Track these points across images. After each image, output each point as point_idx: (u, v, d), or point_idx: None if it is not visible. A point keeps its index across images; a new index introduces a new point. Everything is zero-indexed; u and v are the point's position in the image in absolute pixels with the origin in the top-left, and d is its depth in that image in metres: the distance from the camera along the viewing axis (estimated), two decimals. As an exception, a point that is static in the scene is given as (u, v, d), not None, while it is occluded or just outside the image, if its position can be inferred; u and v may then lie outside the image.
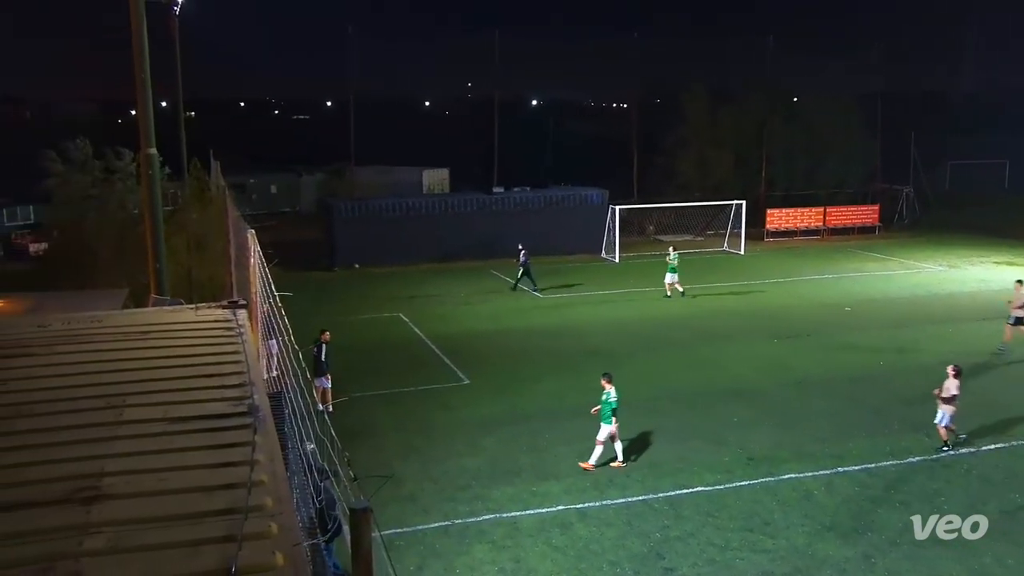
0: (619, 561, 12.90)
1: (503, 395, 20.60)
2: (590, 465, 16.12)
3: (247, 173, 53.95)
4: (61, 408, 4.74)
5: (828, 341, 25.33)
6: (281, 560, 3.17)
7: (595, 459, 16.17)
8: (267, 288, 8.75)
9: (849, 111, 52.05)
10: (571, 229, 40.52)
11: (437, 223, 39.16)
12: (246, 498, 3.55)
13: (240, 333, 6.30)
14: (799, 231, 45.67)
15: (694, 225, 45.53)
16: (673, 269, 31.26)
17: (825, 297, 31.59)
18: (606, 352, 24.21)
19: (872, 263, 38.61)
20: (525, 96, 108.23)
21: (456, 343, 25.18)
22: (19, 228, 43.02)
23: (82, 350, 5.90)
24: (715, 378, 21.74)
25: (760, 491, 15.25)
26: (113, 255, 24.11)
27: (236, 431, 4.37)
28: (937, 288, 32.96)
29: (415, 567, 12.71)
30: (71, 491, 3.69)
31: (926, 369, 22.25)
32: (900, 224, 49.03)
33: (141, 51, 12.71)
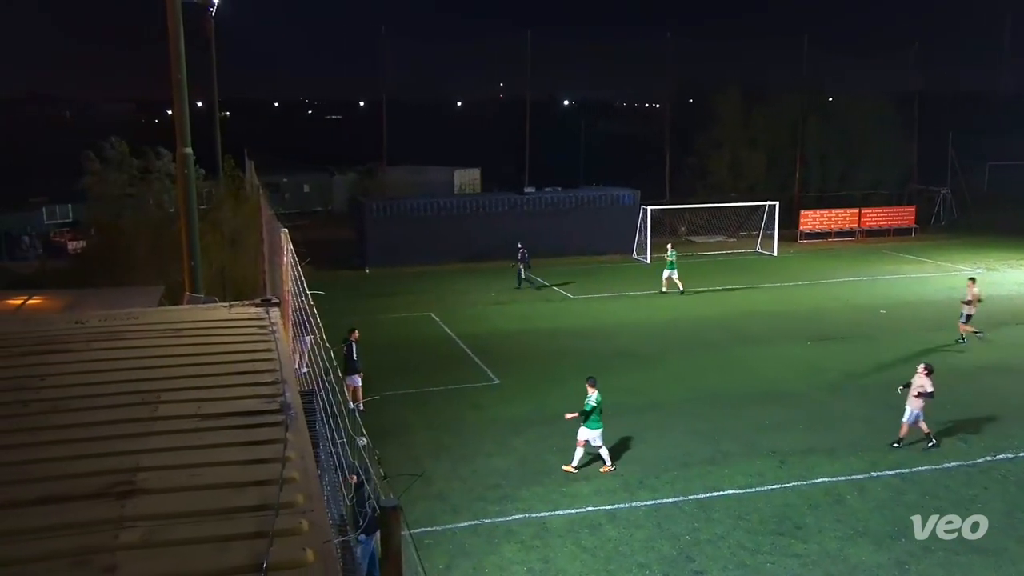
0: (648, 563, 12.84)
1: (533, 395, 20.60)
2: (572, 468, 16.03)
3: (280, 172, 54.43)
4: (97, 404, 4.81)
5: (862, 343, 25.01)
6: (311, 557, 3.20)
7: (576, 461, 16.10)
8: (299, 286, 8.81)
9: (885, 111, 51.36)
10: (602, 229, 40.40)
11: (468, 223, 39.23)
12: (277, 494, 3.58)
13: (273, 331, 6.35)
14: (833, 233, 45.15)
15: (726, 226, 45.18)
16: (671, 265, 31.97)
17: (860, 299, 31.20)
18: (637, 353, 24.12)
19: (908, 265, 38.07)
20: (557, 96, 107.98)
21: (486, 343, 25.21)
22: (58, 226, 43.77)
23: (118, 346, 5.98)
24: (747, 380, 21.57)
25: (792, 494, 15.11)
26: (149, 253, 24.40)
27: (268, 428, 4.41)
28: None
29: (444, 566, 12.75)
30: (107, 485, 3.74)
31: (962, 373, 21.96)
32: (937, 226, 48.30)
33: (177, 52, 12.86)
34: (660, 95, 60.43)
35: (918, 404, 16.76)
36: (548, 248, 38.46)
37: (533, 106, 50.76)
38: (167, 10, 12.79)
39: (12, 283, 27.60)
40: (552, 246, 38.86)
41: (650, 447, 17.22)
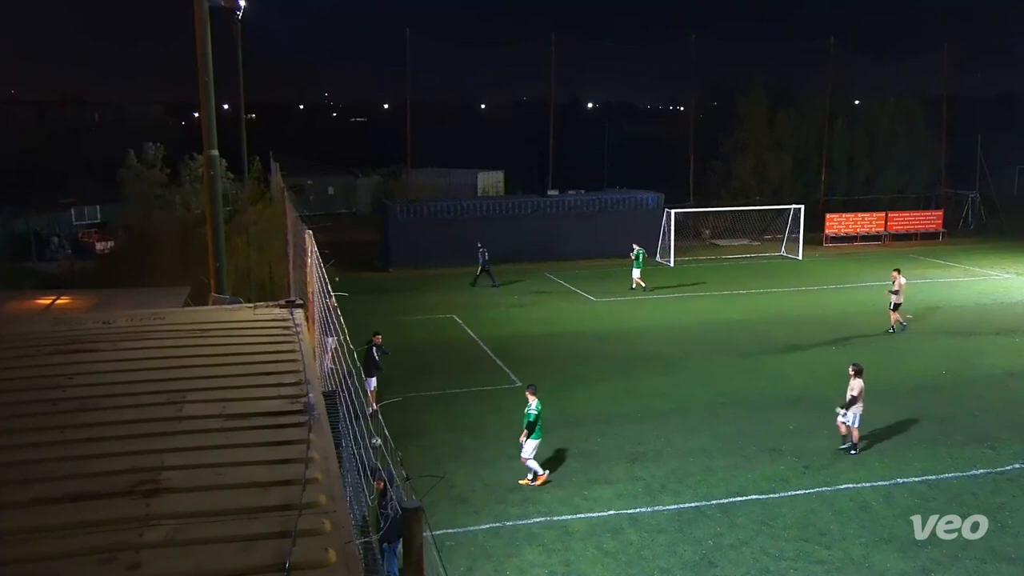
0: (670, 568, 12.78)
1: (555, 398, 20.53)
2: (528, 481, 15.68)
3: (305, 174, 54.77)
4: (124, 403, 4.86)
5: (889, 349, 24.76)
6: (334, 557, 3.21)
7: (531, 475, 15.76)
8: (324, 288, 8.86)
9: (913, 114, 50.85)
10: (626, 232, 40.17)
11: (492, 225, 39.25)
12: (300, 495, 3.60)
13: (297, 332, 6.39)
14: (859, 236, 44.74)
15: (751, 229, 44.91)
16: (638, 264, 32.96)
17: (886, 304, 30.83)
18: (661, 356, 24.02)
19: (935, 270, 37.64)
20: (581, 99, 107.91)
21: (509, 345, 25.21)
22: (86, 227, 44.32)
23: (145, 346, 6.04)
24: (772, 384, 21.41)
25: (816, 500, 14.98)
26: (176, 254, 24.67)
27: (292, 428, 4.44)
28: (1003, 296, 32.00)
29: (465, 568, 12.76)
30: (133, 484, 3.78)
31: (991, 380, 21.68)
32: (965, 230, 47.72)
33: (204, 55, 12.98)
34: (685, 98, 60.18)
35: (858, 408, 16.69)
36: (572, 251, 38.41)
37: (557, 108, 50.72)
38: (194, 13, 12.92)
39: (41, 283, 28.01)
40: (576, 249, 38.81)
41: (674, 451, 17.14)
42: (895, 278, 26.67)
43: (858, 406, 16.75)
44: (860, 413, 16.80)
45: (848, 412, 16.80)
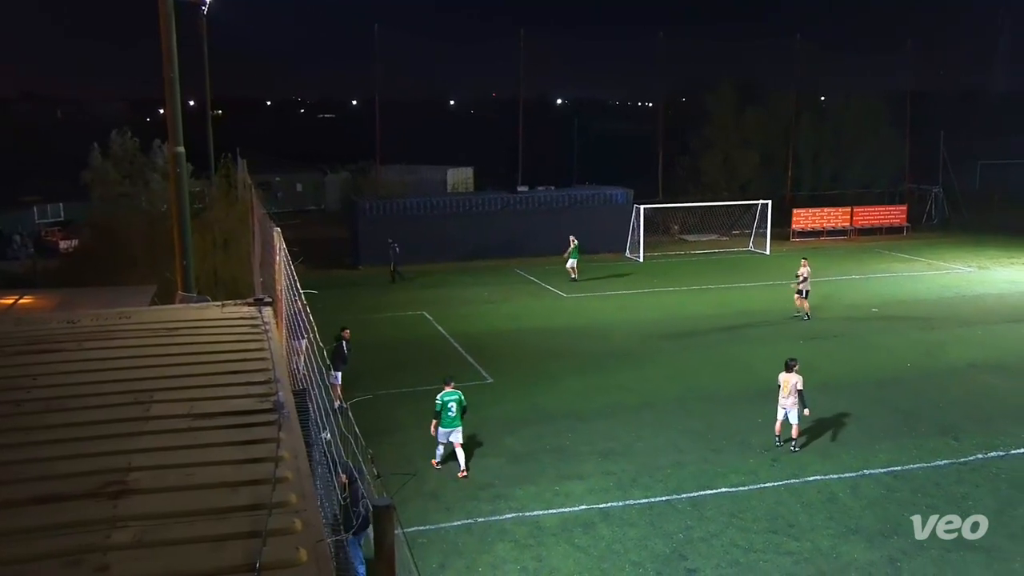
0: (642, 562, 12.87)
1: (526, 394, 20.61)
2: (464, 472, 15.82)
3: (273, 171, 54.36)
4: (90, 403, 4.80)
5: (855, 342, 25.10)
6: (305, 556, 3.20)
7: (463, 463, 15.92)
8: (293, 286, 8.80)
9: (877, 110, 51.57)
10: (595, 228, 40.40)
11: (461, 222, 39.24)
12: (270, 494, 3.58)
13: (266, 330, 6.35)
14: (826, 231, 45.27)
15: (719, 225, 45.29)
16: (574, 255, 33.88)
17: (852, 298, 31.30)
18: (631, 351, 24.15)
19: (900, 264, 38.20)
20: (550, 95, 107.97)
21: (479, 342, 25.22)
22: (49, 225, 43.67)
23: (110, 346, 5.97)
24: (741, 378, 21.61)
25: (784, 493, 15.15)
26: (141, 252, 24.37)
27: (261, 427, 4.41)
28: (966, 289, 32.56)
29: (437, 565, 12.75)
30: (99, 485, 3.74)
31: (954, 372, 22.06)
32: (929, 225, 48.48)
33: (169, 50, 12.82)
34: (653, 94, 60.51)
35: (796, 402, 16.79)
36: (542, 247, 38.44)
37: (526, 105, 50.74)
38: (159, 8, 12.75)
39: (3, 282, 27.54)
40: (546, 245, 38.84)
41: (644, 445, 17.25)
42: (803, 265, 27.62)
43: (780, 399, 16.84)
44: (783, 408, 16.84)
45: (794, 410, 16.85)
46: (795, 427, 16.89)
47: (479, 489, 15.32)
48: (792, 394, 16.72)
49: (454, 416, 15.87)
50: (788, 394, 16.77)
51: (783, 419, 16.92)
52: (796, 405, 16.75)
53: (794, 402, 16.73)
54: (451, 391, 16.06)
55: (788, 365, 16.97)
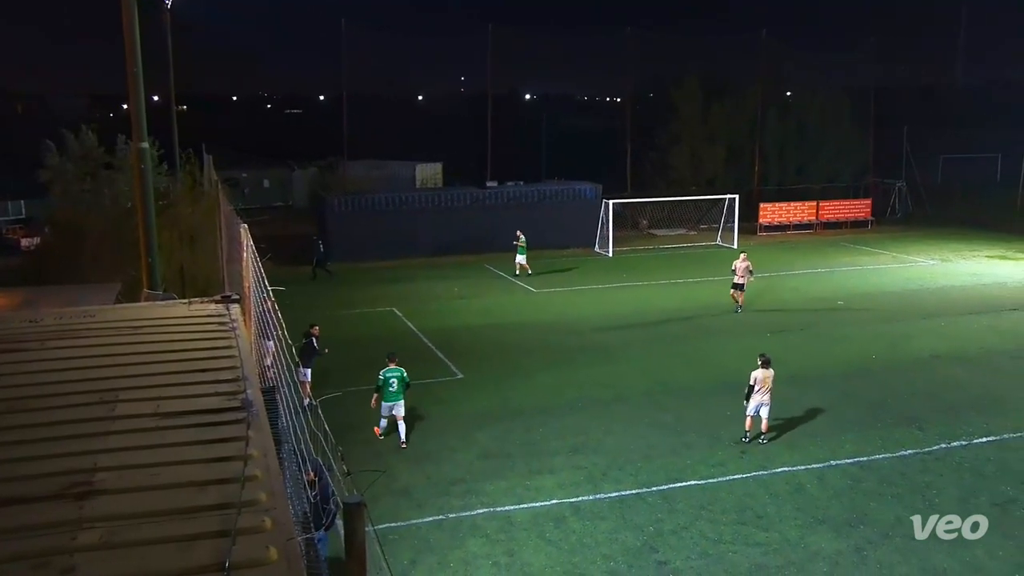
0: (613, 555, 12.94)
1: (497, 389, 20.62)
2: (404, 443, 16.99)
3: (239, 167, 53.79)
4: (53, 403, 4.73)
5: (821, 335, 25.40)
6: (275, 555, 3.17)
7: (404, 435, 17.05)
8: (260, 283, 8.73)
9: (842, 106, 52.21)
10: (565, 223, 40.54)
11: (430, 218, 39.14)
12: (239, 493, 3.55)
13: (233, 328, 6.29)
14: (792, 225, 45.74)
15: (688, 219, 45.62)
16: (522, 250, 34.04)
17: (818, 291, 31.67)
18: (601, 346, 24.25)
19: (865, 257, 38.71)
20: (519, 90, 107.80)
21: (449, 337, 25.18)
22: (10, 223, 42.89)
23: (74, 345, 5.88)
24: (710, 372, 21.79)
25: (753, 484, 15.31)
26: (105, 250, 24.01)
27: (229, 426, 4.37)
28: (929, 282, 33.08)
29: (409, 561, 12.73)
30: (64, 486, 3.69)
31: (918, 363, 22.41)
32: (892, 218, 49.19)
33: (132, 45, 12.65)
34: (621, 90, 60.71)
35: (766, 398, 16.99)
36: (511, 242, 38.43)
37: (495, 100, 50.70)
38: (121, 2, 12.57)
39: (-37, 281, 26.98)
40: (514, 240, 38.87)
41: (615, 439, 17.34)
42: (741, 259, 27.94)
43: (756, 395, 16.98)
44: (759, 404, 17.02)
45: (765, 405, 17.04)
46: (764, 422, 17.07)
47: (450, 485, 15.31)
48: (769, 390, 16.87)
49: (395, 391, 17.00)
50: (766, 391, 16.90)
51: (754, 415, 17.06)
52: (770, 401, 16.92)
53: (769, 398, 16.89)
54: (393, 368, 17.22)
55: (766, 361, 17.07)
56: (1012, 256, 38.12)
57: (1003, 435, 17.43)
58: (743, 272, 27.68)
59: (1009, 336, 24.79)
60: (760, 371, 17.01)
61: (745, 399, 17.10)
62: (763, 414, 17.01)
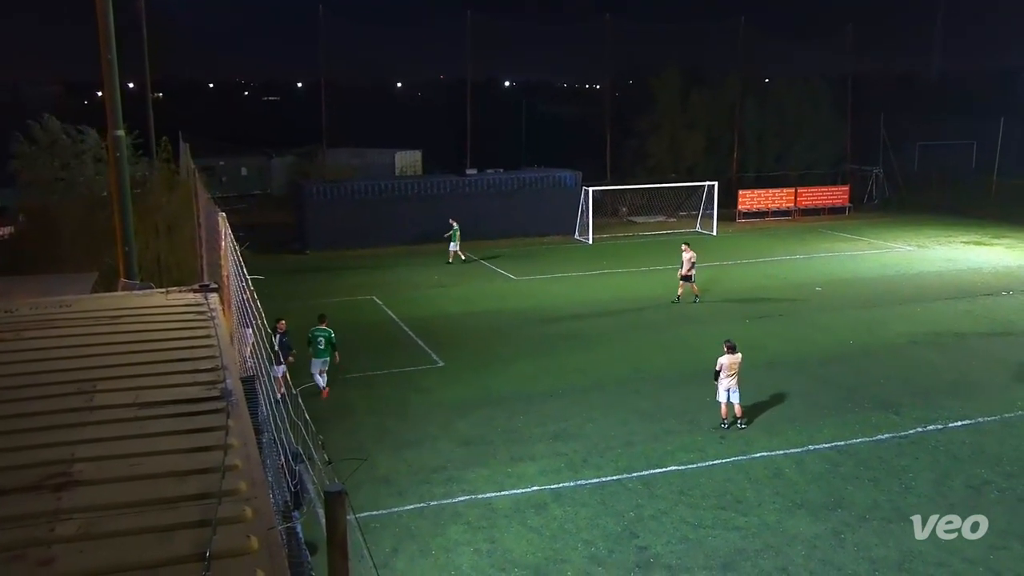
0: (593, 540, 13.02)
1: (477, 377, 20.64)
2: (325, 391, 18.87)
3: (217, 155, 53.26)
4: (30, 394, 4.69)
5: (799, 321, 25.60)
6: (256, 544, 3.17)
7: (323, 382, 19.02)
8: (239, 272, 8.67)
9: (820, 93, 52.47)
10: (544, 211, 40.54)
11: (410, 205, 39.02)
12: (220, 482, 3.54)
13: (212, 317, 6.26)
14: (770, 212, 45.98)
15: (667, 206, 45.75)
16: (454, 238, 34.50)
17: (796, 277, 31.88)
18: (581, 333, 24.31)
19: (842, 243, 39.00)
20: (498, 78, 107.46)
21: (430, 325, 25.16)
22: (-17, 212, 42.28)
23: (51, 335, 5.83)
24: (689, 358, 21.90)
25: (732, 469, 15.43)
26: (81, 238, 23.76)
27: (209, 415, 4.35)
28: (906, 268, 33.39)
29: (390, 549, 12.75)
30: (42, 477, 3.66)
31: (895, 348, 22.64)
32: (870, 205, 49.56)
33: (107, 31, 12.49)
34: (600, 77, 60.66)
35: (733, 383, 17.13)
36: (490, 230, 38.43)
37: (474, 88, 50.51)
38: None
39: (-65, 272, 26.61)
40: (494, 228, 38.86)
41: (595, 426, 17.41)
42: (685, 250, 27.71)
43: (723, 381, 17.12)
44: (727, 388, 17.14)
45: (735, 390, 17.15)
46: (737, 406, 17.20)
47: (431, 472, 15.33)
48: (735, 375, 17.03)
49: (323, 348, 18.80)
50: (733, 376, 17.05)
51: (727, 401, 17.19)
52: (737, 387, 17.07)
53: (736, 383, 17.04)
54: (323, 328, 18.93)
55: (731, 347, 17.21)
56: (987, 242, 38.54)
57: (977, 419, 17.66)
58: (688, 264, 27.41)
59: (984, 321, 25.09)
60: (726, 357, 17.12)
61: (716, 382, 17.24)
62: (734, 399, 17.15)
